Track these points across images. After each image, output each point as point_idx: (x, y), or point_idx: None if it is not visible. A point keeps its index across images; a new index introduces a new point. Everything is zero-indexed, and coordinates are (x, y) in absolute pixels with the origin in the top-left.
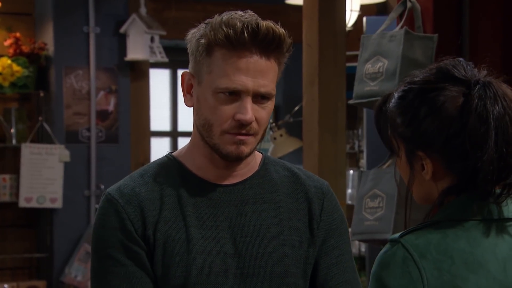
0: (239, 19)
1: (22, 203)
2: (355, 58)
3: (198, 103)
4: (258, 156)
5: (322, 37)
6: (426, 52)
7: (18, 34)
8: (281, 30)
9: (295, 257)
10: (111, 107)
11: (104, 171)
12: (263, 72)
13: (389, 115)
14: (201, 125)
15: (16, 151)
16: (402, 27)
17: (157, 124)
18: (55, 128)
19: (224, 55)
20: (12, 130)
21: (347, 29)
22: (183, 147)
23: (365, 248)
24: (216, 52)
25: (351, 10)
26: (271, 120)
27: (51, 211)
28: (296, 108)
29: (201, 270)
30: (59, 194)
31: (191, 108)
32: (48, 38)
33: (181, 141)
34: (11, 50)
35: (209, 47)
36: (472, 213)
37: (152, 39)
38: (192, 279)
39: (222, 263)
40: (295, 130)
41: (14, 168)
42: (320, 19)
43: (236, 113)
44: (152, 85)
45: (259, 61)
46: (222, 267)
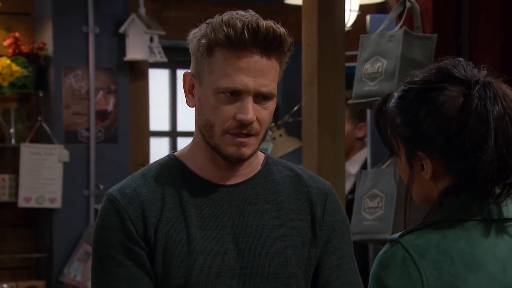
0: (240, 19)
1: (21, 203)
2: (354, 58)
3: (199, 103)
4: (261, 156)
5: (322, 37)
6: (425, 52)
7: (17, 34)
8: (282, 30)
9: (297, 258)
10: (110, 107)
11: (104, 171)
12: (264, 72)
13: (389, 115)
14: (203, 125)
15: (15, 151)
16: (401, 27)
17: (156, 124)
18: (54, 128)
19: (224, 55)
20: (11, 130)
21: (346, 29)
22: (185, 147)
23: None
24: (217, 52)
25: (350, 10)
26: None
27: (50, 211)
28: (296, 108)
29: (202, 270)
30: (58, 194)
31: (191, 108)
32: (47, 38)
33: (180, 141)
34: (10, 50)
35: (210, 47)
36: (472, 213)
37: (151, 39)
38: (193, 279)
39: (223, 263)
40: (294, 130)
41: (13, 168)
42: (320, 19)
43: (237, 113)
44: (151, 85)
45: (260, 61)
46: (224, 268)
